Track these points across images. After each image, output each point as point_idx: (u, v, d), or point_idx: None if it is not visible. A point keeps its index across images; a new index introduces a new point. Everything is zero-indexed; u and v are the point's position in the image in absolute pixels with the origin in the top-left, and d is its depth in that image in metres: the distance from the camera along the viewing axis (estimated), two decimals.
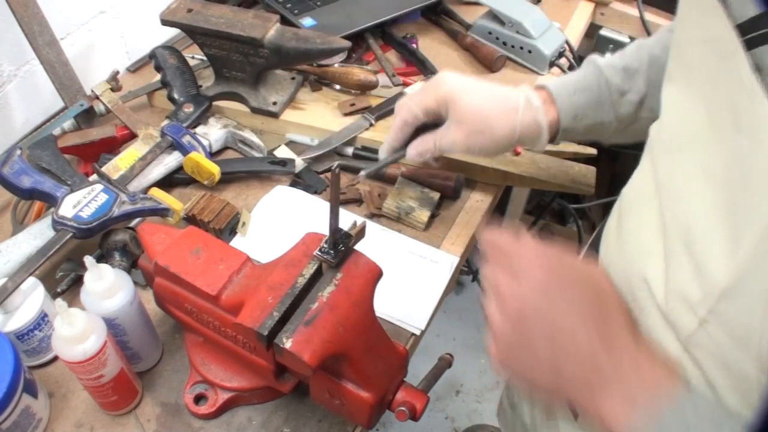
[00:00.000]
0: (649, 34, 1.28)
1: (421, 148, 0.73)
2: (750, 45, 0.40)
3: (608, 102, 0.71)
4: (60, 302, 0.55)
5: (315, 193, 0.89)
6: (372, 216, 0.86)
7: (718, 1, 0.42)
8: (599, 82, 0.71)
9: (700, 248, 0.45)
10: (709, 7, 0.43)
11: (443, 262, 0.80)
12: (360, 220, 0.55)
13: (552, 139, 0.73)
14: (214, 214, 0.82)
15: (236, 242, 0.82)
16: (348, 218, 0.67)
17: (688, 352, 0.47)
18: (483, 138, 0.70)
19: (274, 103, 0.96)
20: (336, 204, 0.53)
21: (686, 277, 0.46)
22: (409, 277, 0.78)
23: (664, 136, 0.52)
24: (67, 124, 0.93)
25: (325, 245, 0.56)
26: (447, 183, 0.87)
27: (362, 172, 0.76)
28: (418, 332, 0.74)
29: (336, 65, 1.03)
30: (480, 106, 0.70)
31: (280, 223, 0.83)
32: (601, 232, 0.65)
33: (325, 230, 0.56)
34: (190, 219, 0.81)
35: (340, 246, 0.56)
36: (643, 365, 0.47)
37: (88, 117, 0.95)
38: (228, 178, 0.89)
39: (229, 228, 0.82)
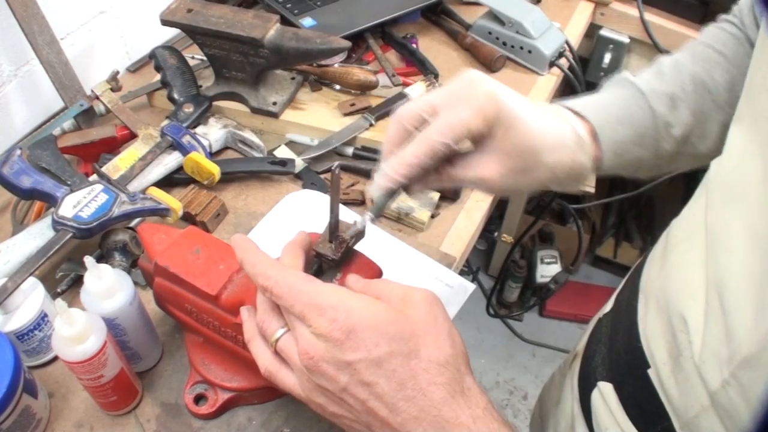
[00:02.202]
0: (649, 34, 1.28)
1: (431, 184, 0.55)
2: None
3: (652, 137, 0.58)
4: (60, 302, 0.55)
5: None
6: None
7: None
8: (644, 112, 0.58)
9: (731, 308, 0.42)
10: None
11: (459, 288, 0.77)
12: (360, 219, 0.55)
13: None
14: (201, 207, 0.83)
15: (251, 238, 0.82)
16: (350, 217, 0.67)
17: (714, 407, 0.45)
18: (525, 179, 0.53)
19: (274, 103, 0.96)
20: (336, 204, 0.53)
21: (719, 333, 0.43)
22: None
23: (721, 178, 0.48)
24: (67, 124, 0.93)
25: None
26: None
27: (367, 216, 0.54)
28: None
29: (336, 65, 1.03)
30: (537, 137, 0.51)
31: (295, 223, 0.83)
32: (645, 258, 0.62)
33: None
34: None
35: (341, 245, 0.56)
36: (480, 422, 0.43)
37: (88, 117, 0.95)
38: (228, 178, 0.89)
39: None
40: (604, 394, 0.60)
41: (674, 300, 0.49)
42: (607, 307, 0.69)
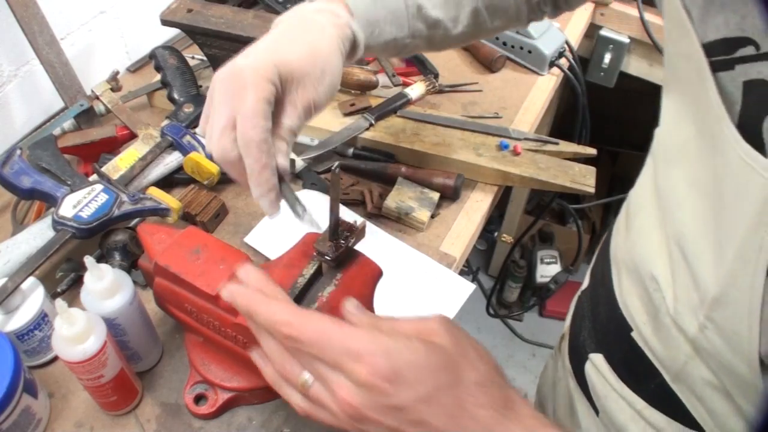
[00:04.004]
0: (649, 34, 1.28)
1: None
2: (714, 68, 0.41)
3: (405, 17, 0.64)
4: (60, 302, 0.55)
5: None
6: (370, 216, 0.86)
7: (687, 19, 0.42)
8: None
9: (693, 256, 0.46)
10: (680, 23, 0.43)
11: (459, 288, 0.77)
12: (360, 219, 0.55)
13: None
14: (201, 207, 0.83)
15: (250, 239, 0.83)
16: (350, 217, 0.67)
17: (697, 353, 0.48)
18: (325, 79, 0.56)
19: None
20: (336, 204, 0.53)
21: (687, 282, 0.47)
22: (421, 296, 0.77)
23: (661, 144, 0.53)
24: (67, 124, 0.93)
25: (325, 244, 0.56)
26: (447, 183, 0.87)
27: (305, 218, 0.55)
28: None
29: None
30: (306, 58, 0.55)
31: (294, 223, 0.83)
32: (611, 232, 0.67)
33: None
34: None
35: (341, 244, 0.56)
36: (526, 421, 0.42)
37: (88, 117, 0.95)
38: (228, 178, 0.89)
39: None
40: (597, 365, 0.64)
41: (643, 262, 0.54)
42: (584, 284, 0.73)
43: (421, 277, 0.78)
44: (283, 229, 0.83)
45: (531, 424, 0.42)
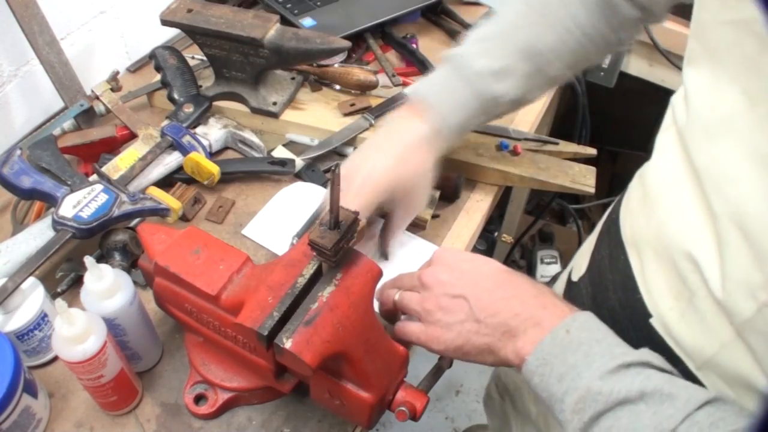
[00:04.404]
0: (649, 34, 1.28)
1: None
2: None
3: (485, 111, 0.72)
4: (60, 302, 0.55)
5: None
6: None
7: None
8: (477, 98, 0.71)
9: (758, 232, 0.43)
10: None
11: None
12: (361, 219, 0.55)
13: None
14: (179, 197, 0.83)
15: (249, 230, 0.83)
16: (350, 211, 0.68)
17: (741, 337, 0.46)
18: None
19: (274, 103, 0.96)
20: (336, 204, 0.53)
21: (745, 262, 0.44)
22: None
23: (697, 121, 0.51)
24: (67, 124, 0.93)
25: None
26: (447, 183, 0.87)
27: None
28: None
29: (336, 65, 1.03)
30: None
31: (294, 215, 0.84)
32: (614, 215, 0.65)
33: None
34: None
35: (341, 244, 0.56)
36: (557, 307, 0.54)
37: (88, 117, 0.95)
38: (228, 179, 0.89)
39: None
40: None
41: (677, 244, 0.51)
42: (581, 269, 0.71)
43: (419, 262, 0.79)
44: (279, 220, 0.84)
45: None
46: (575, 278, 0.72)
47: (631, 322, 0.57)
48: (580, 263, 0.72)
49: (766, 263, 0.43)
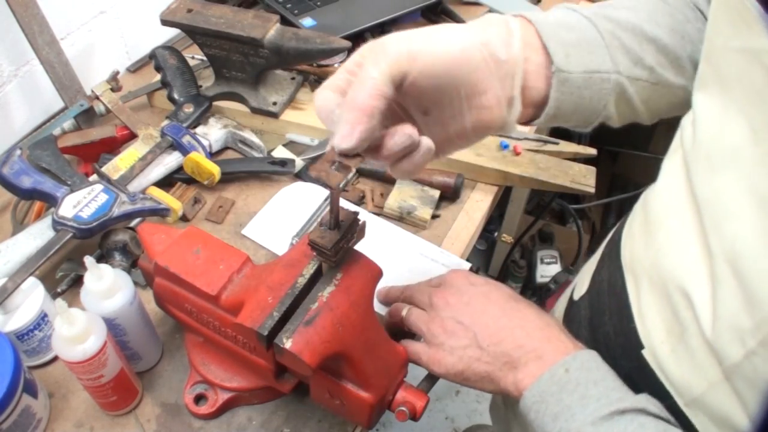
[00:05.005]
0: None
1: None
2: None
3: (602, 46, 0.53)
4: (60, 302, 0.55)
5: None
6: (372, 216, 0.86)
7: (752, 12, 0.39)
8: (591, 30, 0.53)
9: (751, 276, 0.41)
10: (746, 15, 0.39)
11: (455, 267, 0.77)
12: (362, 216, 0.55)
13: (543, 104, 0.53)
14: (179, 197, 0.84)
15: (249, 230, 0.83)
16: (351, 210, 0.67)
17: (729, 381, 0.44)
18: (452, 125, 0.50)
19: (274, 103, 0.96)
20: (336, 204, 0.53)
21: (736, 304, 0.42)
22: (417, 279, 0.77)
23: (701, 149, 0.47)
24: (67, 124, 0.93)
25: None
26: (447, 182, 0.87)
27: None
28: None
29: (336, 65, 1.03)
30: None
31: (294, 215, 0.84)
32: (617, 237, 0.62)
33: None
34: None
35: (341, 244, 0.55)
36: (561, 342, 0.54)
37: (88, 117, 0.95)
38: (228, 179, 0.89)
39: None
40: None
41: (672, 277, 0.48)
42: (581, 289, 0.67)
43: (419, 262, 0.80)
44: (279, 220, 0.84)
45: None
46: (576, 297, 0.69)
47: (624, 350, 0.55)
48: (583, 281, 0.69)
49: (757, 308, 0.40)
